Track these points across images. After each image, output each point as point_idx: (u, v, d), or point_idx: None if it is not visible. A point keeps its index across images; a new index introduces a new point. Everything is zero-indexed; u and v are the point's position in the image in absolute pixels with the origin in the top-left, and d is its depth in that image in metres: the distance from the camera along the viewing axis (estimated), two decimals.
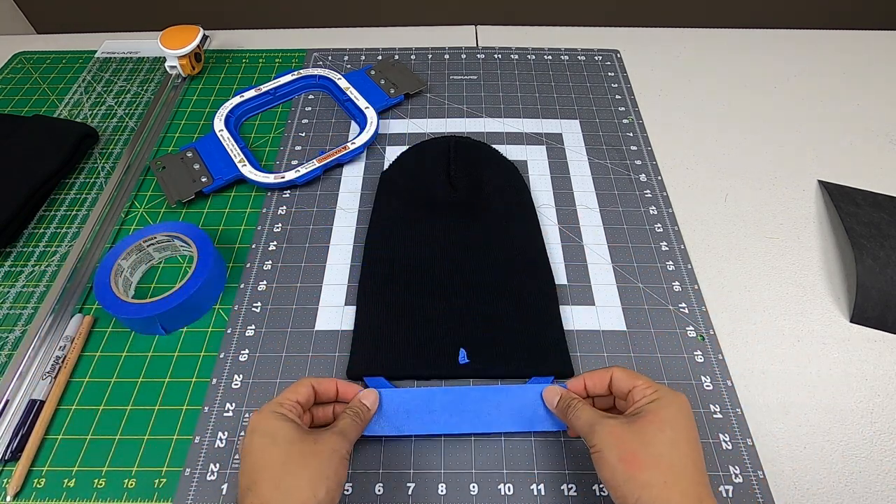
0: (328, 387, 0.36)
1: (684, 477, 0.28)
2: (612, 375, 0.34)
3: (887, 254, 0.46)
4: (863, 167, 0.55)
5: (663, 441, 0.29)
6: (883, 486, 0.36)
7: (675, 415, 0.30)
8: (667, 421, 0.30)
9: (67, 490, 0.36)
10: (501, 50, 0.68)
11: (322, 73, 0.62)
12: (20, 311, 0.45)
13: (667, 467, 0.28)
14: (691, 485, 0.28)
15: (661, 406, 0.31)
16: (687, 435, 0.30)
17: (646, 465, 0.28)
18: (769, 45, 0.69)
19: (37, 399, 0.39)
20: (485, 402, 0.38)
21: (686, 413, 0.31)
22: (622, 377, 0.34)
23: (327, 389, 0.35)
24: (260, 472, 0.29)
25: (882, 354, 0.42)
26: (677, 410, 0.31)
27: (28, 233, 0.50)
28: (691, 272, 0.47)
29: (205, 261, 0.44)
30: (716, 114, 0.61)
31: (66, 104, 0.62)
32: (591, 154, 0.56)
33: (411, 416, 0.37)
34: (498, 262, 0.46)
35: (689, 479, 0.28)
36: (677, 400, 0.31)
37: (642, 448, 0.29)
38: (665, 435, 0.29)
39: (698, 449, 0.30)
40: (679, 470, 0.28)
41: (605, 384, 0.34)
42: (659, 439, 0.29)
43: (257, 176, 0.52)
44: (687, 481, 0.28)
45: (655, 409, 0.31)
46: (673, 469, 0.28)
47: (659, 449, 0.29)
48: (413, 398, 0.38)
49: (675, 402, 0.31)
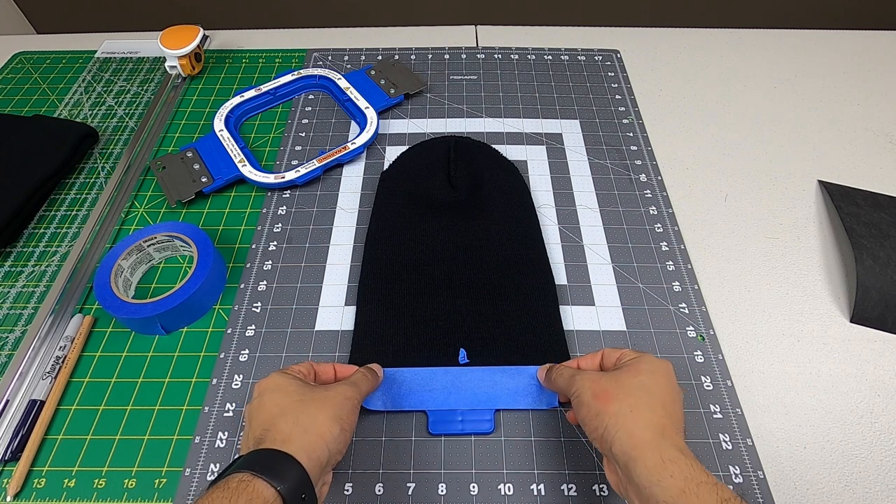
0: (326, 369, 0.37)
1: (650, 410, 0.29)
2: (603, 353, 0.36)
3: (887, 254, 0.46)
4: (863, 167, 0.55)
5: (635, 384, 0.31)
6: (883, 486, 0.36)
7: (652, 369, 0.32)
8: (643, 371, 0.32)
9: (67, 490, 0.36)
10: (501, 50, 0.68)
11: (322, 73, 0.62)
12: (20, 311, 0.45)
13: (633, 400, 0.30)
14: (656, 417, 0.29)
15: (641, 361, 0.32)
16: (661, 387, 0.31)
17: (615, 398, 0.30)
18: (769, 45, 0.69)
19: (37, 399, 0.39)
20: (482, 381, 0.40)
21: (664, 372, 0.32)
22: (611, 352, 0.35)
23: (325, 371, 0.36)
24: (276, 416, 0.30)
25: (882, 354, 0.42)
26: (656, 367, 0.32)
27: (28, 233, 0.50)
28: (691, 272, 0.47)
29: (205, 261, 0.44)
30: (716, 114, 0.61)
31: (66, 104, 0.62)
32: (591, 154, 0.56)
33: (412, 393, 0.39)
34: (498, 262, 0.46)
35: (656, 414, 0.29)
36: (659, 362, 0.33)
37: (614, 386, 0.31)
38: (638, 379, 0.31)
39: (675, 403, 0.31)
40: (644, 404, 0.30)
41: (597, 363, 0.36)
42: (631, 382, 0.31)
43: (257, 176, 0.52)
44: (652, 414, 0.29)
45: (635, 363, 0.32)
46: (638, 403, 0.30)
47: (629, 388, 0.31)
48: (413, 377, 0.40)
49: (657, 362, 0.32)
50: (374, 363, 0.39)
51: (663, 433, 0.28)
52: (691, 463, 0.27)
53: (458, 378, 0.40)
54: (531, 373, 0.40)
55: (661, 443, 0.28)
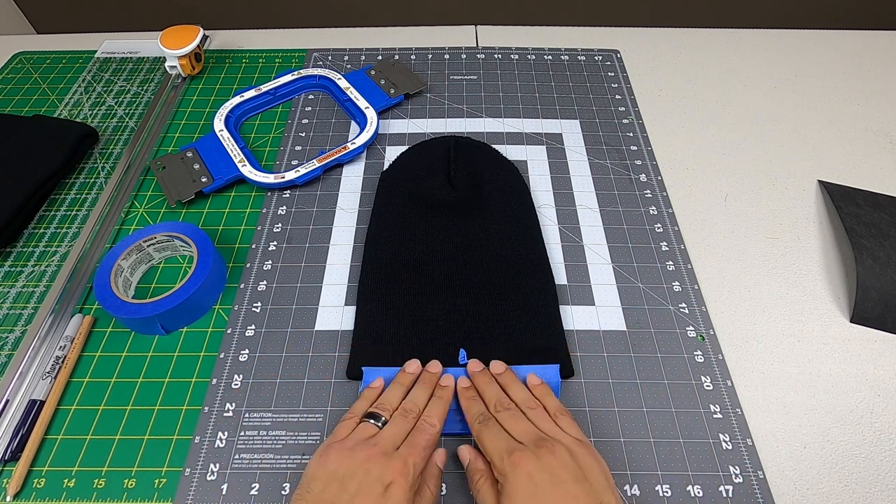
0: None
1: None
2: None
3: (887, 254, 0.46)
4: (863, 167, 0.55)
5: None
6: (883, 486, 0.36)
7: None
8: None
9: (67, 490, 0.36)
10: (501, 50, 0.68)
11: (322, 73, 0.62)
12: (20, 311, 0.45)
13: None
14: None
15: (504, 499, 0.31)
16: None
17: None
18: (769, 45, 0.69)
19: (37, 399, 0.39)
20: None
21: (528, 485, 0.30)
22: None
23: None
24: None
25: (882, 354, 0.42)
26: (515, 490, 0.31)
27: (28, 233, 0.50)
28: (691, 272, 0.47)
29: (205, 261, 0.44)
30: (716, 113, 0.61)
31: (66, 104, 0.62)
32: (591, 154, 0.56)
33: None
34: (498, 261, 0.46)
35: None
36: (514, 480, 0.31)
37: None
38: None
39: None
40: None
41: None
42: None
43: (257, 176, 0.52)
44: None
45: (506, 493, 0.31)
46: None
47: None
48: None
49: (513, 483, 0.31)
50: (439, 449, 0.36)
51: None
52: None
53: (457, 378, 0.40)
54: (530, 372, 0.40)
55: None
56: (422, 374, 0.39)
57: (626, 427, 0.38)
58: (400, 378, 0.39)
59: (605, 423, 0.38)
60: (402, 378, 0.39)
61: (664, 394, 0.40)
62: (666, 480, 0.36)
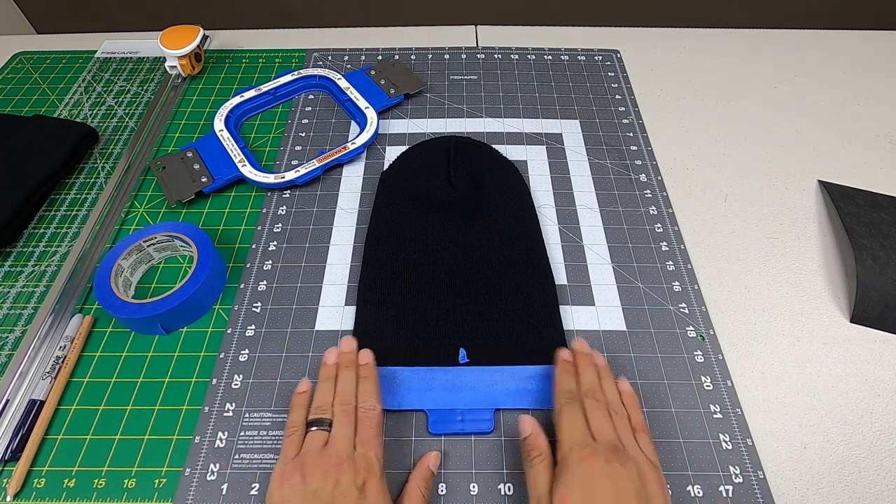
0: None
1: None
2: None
3: (887, 254, 0.46)
4: (863, 167, 0.55)
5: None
6: (883, 486, 0.36)
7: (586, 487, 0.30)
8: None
9: (67, 490, 0.36)
10: (501, 50, 0.68)
11: (322, 73, 0.62)
12: (20, 311, 0.45)
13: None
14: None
15: (558, 486, 0.31)
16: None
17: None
18: (769, 45, 0.69)
19: (37, 399, 0.39)
20: (482, 381, 0.40)
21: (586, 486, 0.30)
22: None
23: None
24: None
25: (882, 354, 0.42)
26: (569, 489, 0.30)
27: (28, 233, 0.50)
28: (691, 272, 0.47)
29: (205, 261, 0.44)
30: (716, 113, 0.61)
31: (66, 104, 0.62)
32: (591, 154, 0.56)
33: (412, 392, 0.39)
34: (498, 261, 0.46)
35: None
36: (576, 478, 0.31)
37: None
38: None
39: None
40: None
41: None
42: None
43: (257, 176, 0.52)
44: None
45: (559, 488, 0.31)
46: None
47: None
48: (413, 376, 0.40)
49: (573, 480, 0.31)
50: (433, 452, 0.37)
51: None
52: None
53: (457, 377, 0.40)
54: (531, 373, 0.40)
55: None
56: (340, 358, 0.38)
57: None
58: (323, 373, 0.38)
59: None
60: (325, 372, 0.38)
61: (664, 394, 0.40)
62: (666, 480, 0.36)
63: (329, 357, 0.39)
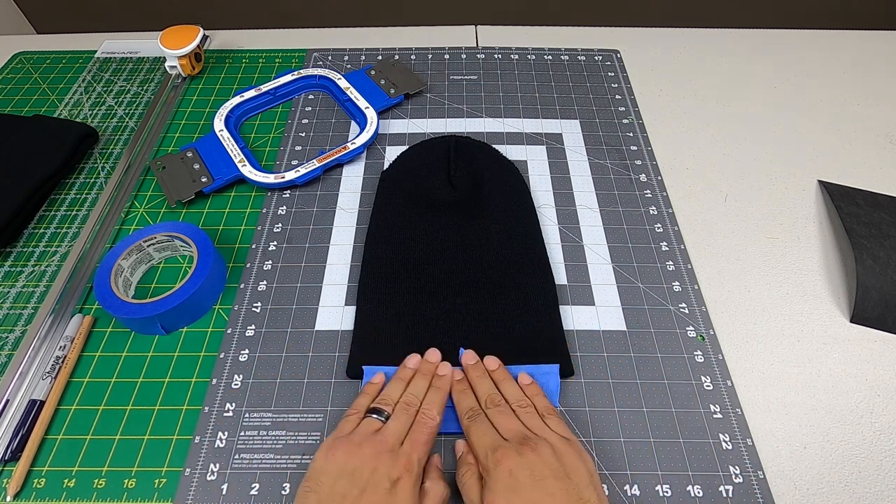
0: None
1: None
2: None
3: (887, 254, 0.46)
4: (863, 167, 0.55)
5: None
6: (883, 486, 0.36)
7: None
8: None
9: (67, 490, 0.36)
10: (501, 50, 0.68)
11: (322, 73, 0.62)
12: (20, 311, 0.45)
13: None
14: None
15: (486, 493, 0.32)
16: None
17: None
18: (769, 45, 0.69)
19: (37, 399, 0.39)
20: None
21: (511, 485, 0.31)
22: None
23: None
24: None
25: (882, 354, 0.42)
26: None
27: (28, 233, 0.50)
28: (691, 272, 0.47)
29: (205, 261, 0.44)
30: (716, 114, 0.61)
31: (66, 104, 0.62)
32: (591, 154, 0.56)
33: None
34: (498, 261, 0.46)
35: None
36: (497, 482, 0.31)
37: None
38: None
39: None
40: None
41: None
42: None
43: (257, 176, 0.52)
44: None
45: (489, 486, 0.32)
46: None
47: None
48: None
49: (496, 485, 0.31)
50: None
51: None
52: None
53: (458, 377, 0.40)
54: (531, 372, 0.40)
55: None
56: (421, 366, 0.40)
57: (626, 427, 0.38)
58: (400, 373, 0.39)
59: (605, 423, 0.38)
60: (402, 373, 0.39)
61: (664, 394, 0.40)
62: (666, 480, 0.36)
63: (410, 361, 0.40)
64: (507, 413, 0.36)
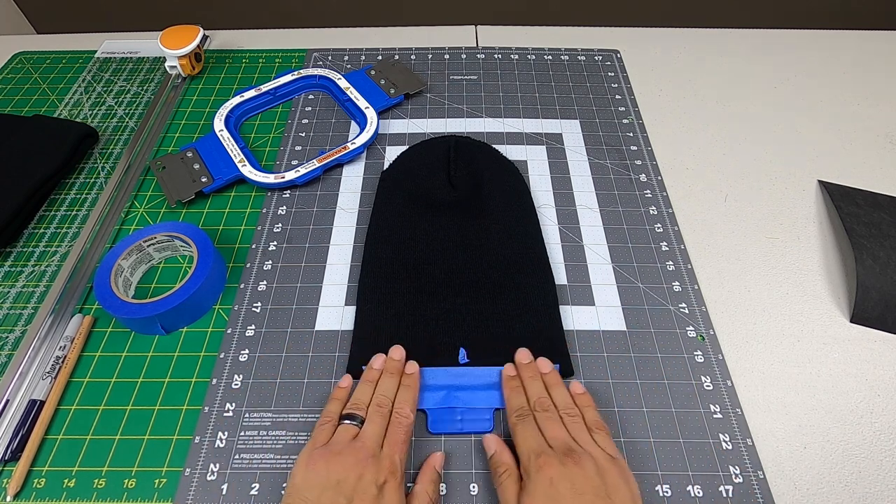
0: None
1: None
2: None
3: (887, 254, 0.46)
4: (863, 167, 0.55)
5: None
6: (883, 486, 0.36)
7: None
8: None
9: (67, 490, 0.36)
10: (501, 50, 0.68)
11: (322, 73, 0.62)
12: (20, 311, 0.45)
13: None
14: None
15: (524, 497, 0.32)
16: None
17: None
18: (769, 45, 0.69)
19: (37, 399, 0.39)
20: (482, 381, 0.40)
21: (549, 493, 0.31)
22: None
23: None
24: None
25: (882, 354, 0.42)
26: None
27: (28, 233, 0.50)
28: (691, 272, 0.47)
29: (205, 261, 0.44)
30: (716, 114, 0.61)
31: (66, 104, 0.62)
32: (591, 154, 0.56)
33: None
34: (498, 261, 0.46)
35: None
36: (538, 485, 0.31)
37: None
38: None
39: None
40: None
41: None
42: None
43: (257, 176, 0.52)
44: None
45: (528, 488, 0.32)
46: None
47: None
48: None
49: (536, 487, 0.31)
50: (437, 453, 0.37)
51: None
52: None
53: (457, 377, 0.40)
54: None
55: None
56: (386, 364, 0.39)
57: (626, 427, 0.38)
58: (367, 375, 0.39)
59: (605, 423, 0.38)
60: (369, 375, 0.39)
61: (664, 394, 0.40)
62: (666, 480, 0.36)
63: (375, 362, 0.40)
64: (555, 420, 0.35)
